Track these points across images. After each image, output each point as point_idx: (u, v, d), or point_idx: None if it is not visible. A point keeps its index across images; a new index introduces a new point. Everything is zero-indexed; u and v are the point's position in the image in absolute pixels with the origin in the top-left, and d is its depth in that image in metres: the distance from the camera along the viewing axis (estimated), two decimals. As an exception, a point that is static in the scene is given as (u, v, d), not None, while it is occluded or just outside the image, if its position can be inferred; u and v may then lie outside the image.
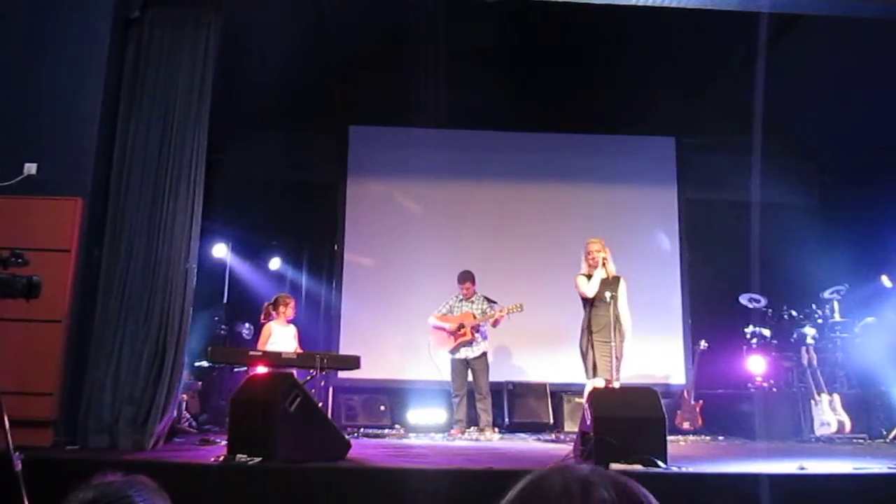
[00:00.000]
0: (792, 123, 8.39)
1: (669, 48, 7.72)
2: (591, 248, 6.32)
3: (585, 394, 5.96)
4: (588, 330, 6.22)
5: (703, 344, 7.98)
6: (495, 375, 7.57)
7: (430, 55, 7.84)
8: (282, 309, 6.93)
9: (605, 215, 8.85)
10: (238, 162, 8.83)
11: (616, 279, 6.29)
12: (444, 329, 7.27)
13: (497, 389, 7.77)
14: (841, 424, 6.84)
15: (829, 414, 6.88)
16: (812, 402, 7.00)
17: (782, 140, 8.39)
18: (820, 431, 6.87)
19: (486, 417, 7.13)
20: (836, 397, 6.98)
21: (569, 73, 8.40)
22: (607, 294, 6.11)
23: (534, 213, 8.99)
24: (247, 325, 8.01)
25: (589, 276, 6.27)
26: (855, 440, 6.79)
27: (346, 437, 4.88)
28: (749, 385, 7.71)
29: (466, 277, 7.38)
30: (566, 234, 8.58)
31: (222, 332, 8.01)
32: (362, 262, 8.88)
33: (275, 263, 8.89)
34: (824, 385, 7.06)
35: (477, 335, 7.20)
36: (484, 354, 7.24)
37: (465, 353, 7.19)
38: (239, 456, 4.32)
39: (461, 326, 7.17)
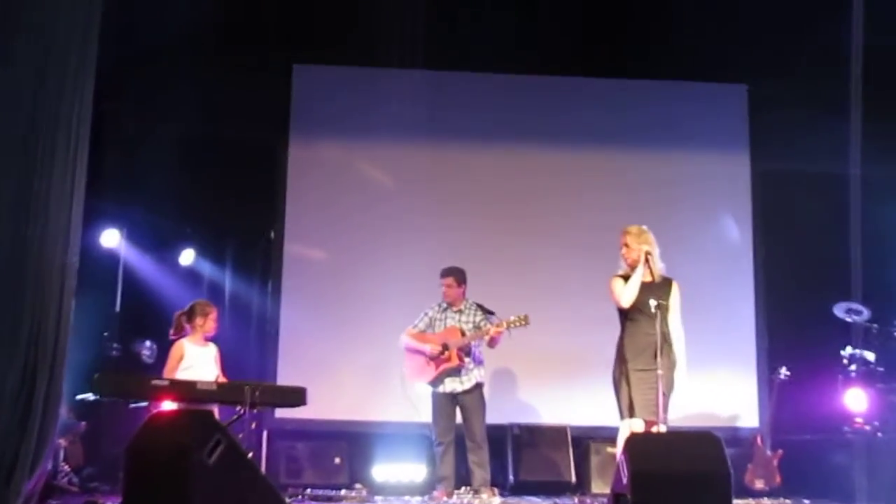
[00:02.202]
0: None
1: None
2: (628, 238, 6.39)
3: (620, 441, 6.07)
4: (622, 353, 6.32)
5: (783, 372, 8.08)
6: (494, 415, 7.65)
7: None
8: (199, 321, 6.96)
9: (649, 194, 8.95)
10: (138, 114, 8.84)
11: (666, 283, 6.36)
12: (422, 352, 7.33)
13: (497, 435, 7.86)
14: (969, 482, 6.98)
15: (953, 468, 7.02)
16: (931, 451, 7.14)
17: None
18: (940, 492, 7.01)
19: (481, 474, 7.20)
20: (964, 446, 7.12)
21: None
22: (651, 303, 6.16)
23: (550, 189, 9.08)
24: (148, 343, 8.02)
25: (627, 278, 6.36)
26: None
27: (287, 500, 4.93)
28: (846, 428, 7.82)
29: (450, 272, 7.44)
30: (595, 219, 8.64)
31: (114, 352, 8.02)
32: (310, 257, 8.95)
33: (187, 257, 8.90)
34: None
35: (468, 360, 7.25)
36: (478, 387, 7.30)
37: (452, 384, 7.26)
38: (139, 525, 4.38)
39: (445, 348, 7.23)
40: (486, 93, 9.20)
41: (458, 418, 7.31)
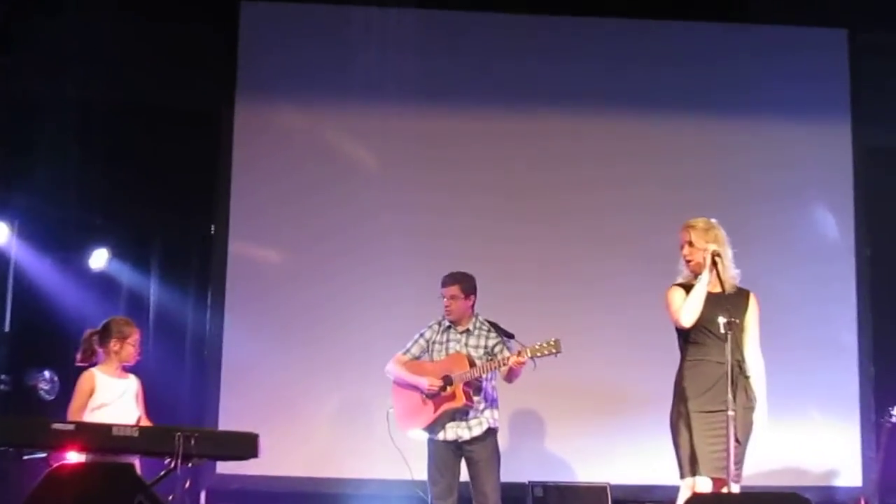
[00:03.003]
0: None
1: None
2: (692, 234, 6.35)
3: (679, 505, 6.06)
4: (682, 389, 6.30)
5: (894, 414, 8.07)
6: (511, 471, 7.62)
7: None
8: (114, 345, 6.91)
9: (718, 176, 8.98)
10: (35, 73, 8.79)
11: (740, 295, 6.35)
12: (416, 387, 7.30)
13: (515, 497, 7.85)
14: None
15: None
16: None
17: None
18: None
19: (493, 547, 7.22)
20: None
21: None
22: (720, 321, 6.13)
23: (586, 171, 9.09)
24: (47, 373, 7.98)
25: (689, 288, 6.34)
26: None
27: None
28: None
29: (455, 280, 7.38)
30: (646, 210, 8.70)
31: (2, 386, 8.00)
32: (263, 259, 8.95)
33: (99, 259, 8.88)
34: None
35: (477, 398, 7.22)
36: (490, 433, 7.26)
37: (456, 430, 7.21)
38: None
39: (447, 382, 7.19)
40: (499, 40, 9.18)
41: (464, 475, 7.28)
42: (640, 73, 9.21)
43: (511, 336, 7.25)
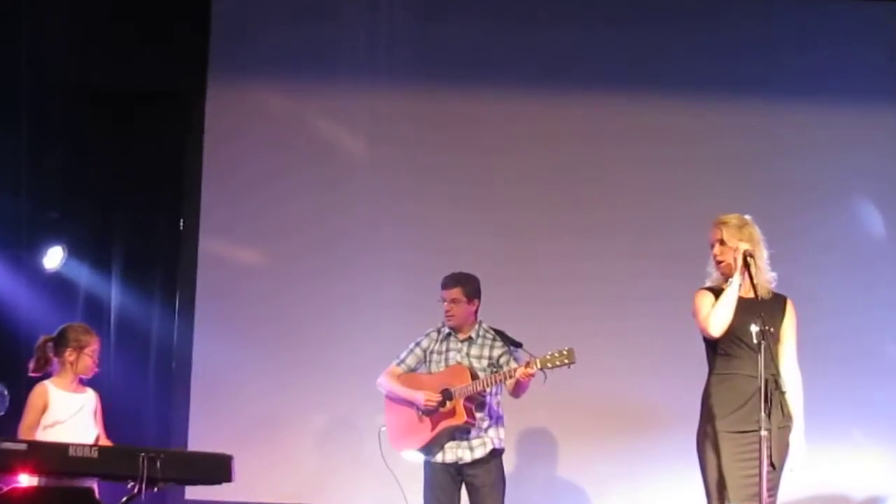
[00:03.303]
0: None
1: None
2: (724, 231, 6.33)
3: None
4: (709, 406, 6.29)
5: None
6: (518, 498, 7.62)
7: None
8: (70, 355, 6.89)
9: (751, 170, 8.94)
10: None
11: (776, 301, 6.33)
12: (411, 402, 7.30)
13: (521, 527, 7.84)
14: None
15: None
16: None
17: None
18: None
19: (497, 584, 7.21)
20: None
21: None
22: (753, 330, 6.12)
23: (604, 159, 9.08)
24: (-5, 386, 8.01)
25: (719, 293, 6.34)
26: None
27: None
28: None
29: (457, 281, 7.35)
30: (671, 205, 8.71)
31: (-57, 401, 8.02)
32: (238, 259, 8.95)
33: (54, 258, 8.87)
34: None
35: (480, 415, 7.21)
36: (495, 455, 7.26)
37: (457, 452, 7.19)
38: None
39: (446, 397, 7.18)
40: (505, 9, 9.16)
41: (465, 501, 7.28)
42: (663, 58, 9.21)
43: (519, 345, 7.21)
